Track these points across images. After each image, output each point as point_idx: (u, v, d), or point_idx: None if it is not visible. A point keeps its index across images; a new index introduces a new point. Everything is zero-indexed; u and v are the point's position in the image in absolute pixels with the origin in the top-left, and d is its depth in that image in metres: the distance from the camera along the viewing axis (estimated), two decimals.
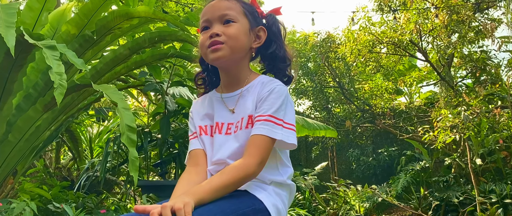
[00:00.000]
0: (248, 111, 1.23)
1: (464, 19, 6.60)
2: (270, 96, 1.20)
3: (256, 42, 1.30)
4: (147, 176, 3.67)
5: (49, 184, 3.38)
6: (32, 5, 2.21)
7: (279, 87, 1.22)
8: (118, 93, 2.03)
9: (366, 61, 7.26)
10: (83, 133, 4.29)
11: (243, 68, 1.30)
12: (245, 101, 1.25)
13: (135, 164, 1.87)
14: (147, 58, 2.56)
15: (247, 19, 1.28)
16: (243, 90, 1.27)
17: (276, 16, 1.35)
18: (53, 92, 1.58)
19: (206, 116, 1.32)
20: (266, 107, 1.19)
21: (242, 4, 1.30)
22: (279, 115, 1.18)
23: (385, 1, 7.33)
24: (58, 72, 1.62)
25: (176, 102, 2.84)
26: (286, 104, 1.21)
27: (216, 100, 1.32)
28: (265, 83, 1.25)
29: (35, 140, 2.45)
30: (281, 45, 1.32)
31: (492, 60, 7.36)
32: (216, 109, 1.30)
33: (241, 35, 1.25)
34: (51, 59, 1.63)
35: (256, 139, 1.16)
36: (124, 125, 1.89)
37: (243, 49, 1.27)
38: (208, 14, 1.27)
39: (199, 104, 1.37)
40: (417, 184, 7.66)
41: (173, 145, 2.92)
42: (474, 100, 6.30)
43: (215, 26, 1.24)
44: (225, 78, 1.32)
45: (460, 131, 6.17)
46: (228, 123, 1.26)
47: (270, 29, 1.32)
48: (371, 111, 8.21)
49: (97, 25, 2.23)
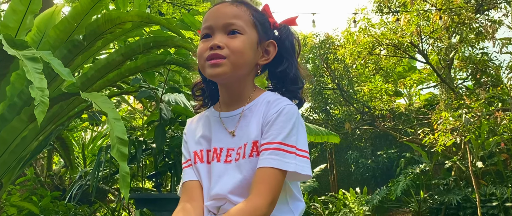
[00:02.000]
0: (252, 135, 1.05)
1: (465, 21, 6.51)
2: (279, 118, 1.03)
3: (264, 58, 1.12)
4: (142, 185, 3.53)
5: (40, 194, 3.24)
6: (15, 7, 2.05)
7: (289, 107, 1.05)
8: (109, 102, 1.88)
9: (366, 63, 7.16)
10: (76, 139, 4.14)
11: (246, 85, 1.12)
12: (247, 122, 1.08)
13: (126, 180, 1.73)
14: (141, 64, 2.41)
15: (255, 31, 1.10)
16: (245, 109, 1.10)
17: (290, 27, 1.17)
18: (34, 110, 1.43)
19: (202, 139, 1.14)
20: (275, 133, 1.01)
21: (252, 11, 1.11)
22: (291, 141, 1.01)
23: (384, 2, 7.23)
24: (40, 88, 1.46)
25: (172, 109, 2.69)
26: (298, 126, 1.03)
27: (214, 120, 1.14)
28: (272, 103, 1.07)
29: (21, 152, 2.30)
30: (294, 63, 1.13)
31: (493, 62, 7.27)
32: (213, 131, 1.12)
33: (247, 50, 1.07)
34: (32, 73, 1.48)
35: (265, 173, 0.98)
36: (114, 137, 1.74)
37: (248, 66, 1.09)
38: (211, 20, 1.09)
39: (194, 125, 1.19)
40: (416, 187, 7.58)
41: (169, 155, 2.77)
42: (475, 103, 6.20)
43: (218, 36, 1.06)
44: (224, 95, 1.14)
45: (461, 133, 6.08)
46: (228, 149, 1.08)
47: (282, 43, 1.13)
48: (371, 113, 8.10)
49: (87, 30, 2.08)
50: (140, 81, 2.64)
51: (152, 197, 2.69)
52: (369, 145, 9.48)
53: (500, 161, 6.68)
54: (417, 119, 8.19)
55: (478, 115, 5.91)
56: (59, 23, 2.11)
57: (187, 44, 2.32)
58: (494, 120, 6.11)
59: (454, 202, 6.66)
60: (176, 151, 2.69)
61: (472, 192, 6.51)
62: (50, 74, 2.15)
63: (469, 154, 6.31)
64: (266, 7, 1.17)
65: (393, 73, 7.78)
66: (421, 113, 8.21)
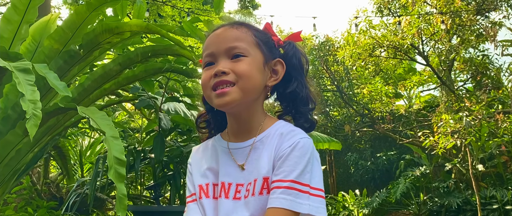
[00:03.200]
0: (263, 170, 0.96)
1: (466, 23, 6.47)
2: (293, 153, 0.94)
3: (272, 79, 1.03)
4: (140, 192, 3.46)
5: (36, 204, 3.16)
6: (10, 17, 1.97)
7: (304, 141, 0.96)
8: (107, 119, 1.81)
9: (366, 65, 7.11)
10: (73, 146, 4.06)
11: (256, 112, 1.04)
12: (259, 156, 0.99)
13: (123, 202, 1.65)
14: (139, 73, 2.33)
15: (260, 51, 1.02)
16: (256, 140, 1.01)
17: (295, 44, 1.09)
18: (26, 124, 1.35)
19: (208, 172, 1.05)
20: (288, 169, 0.93)
21: (253, 32, 1.04)
22: (304, 179, 0.92)
23: (384, 4, 7.19)
24: (32, 100, 1.38)
25: (171, 118, 2.62)
26: (313, 162, 0.95)
27: (221, 151, 1.05)
28: (285, 135, 0.98)
29: (16, 165, 2.22)
30: (304, 82, 1.05)
31: (493, 65, 7.23)
32: (221, 163, 1.03)
33: (254, 72, 0.99)
34: (24, 85, 1.41)
35: (276, 214, 0.90)
36: (112, 158, 1.66)
37: (257, 89, 1.01)
38: (212, 47, 1.01)
39: (200, 155, 1.10)
40: (416, 189, 7.54)
41: (168, 165, 2.70)
42: (476, 106, 6.16)
43: (221, 62, 0.99)
44: (233, 124, 1.06)
45: (462, 136, 6.04)
46: (237, 184, 0.99)
47: (290, 61, 1.05)
48: (371, 115, 8.05)
49: (84, 40, 2.00)
50: (139, 89, 2.56)
51: (151, 210, 2.62)
52: (369, 147, 9.43)
53: (500, 163, 6.65)
54: (417, 121, 8.15)
55: (479, 118, 5.87)
56: (54, 33, 2.03)
57: (187, 52, 2.25)
58: (495, 123, 6.08)
59: (454, 205, 6.64)
60: (176, 162, 2.62)
61: (472, 195, 6.49)
62: (46, 86, 2.08)
63: (470, 157, 6.27)
64: (268, 26, 1.09)
65: (393, 75, 7.73)
66: (421, 115, 8.17)
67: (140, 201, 3.44)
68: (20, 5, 1.96)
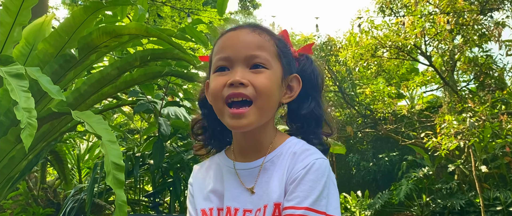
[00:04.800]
0: (274, 195, 0.85)
1: (469, 23, 6.39)
2: (307, 177, 0.83)
3: (287, 96, 0.92)
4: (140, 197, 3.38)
5: (32, 211, 3.07)
6: (1, 19, 1.87)
7: (319, 163, 0.85)
8: (103, 123, 1.72)
9: (368, 65, 7.04)
10: (70, 151, 3.96)
11: (267, 129, 0.92)
12: (269, 178, 0.88)
13: (123, 209, 1.57)
14: (138, 77, 2.24)
15: (280, 64, 0.90)
16: (266, 160, 0.90)
17: (312, 58, 0.97)
18: (21, 134, 1.26)
19: (212, 194, 0.93)
20: (302, 195, 0.82)
21: (276, 41, 0.91)
22: (320, 207, 0.82)
23: (386, 4, 7.11)
24: (26, 108, 1.29)
25: (171, 123, 2.53)
26: (329, 186, 0.85)
27: (227, 172, 0.93)
28: (299, 155, 0.87)
29: (9, 172, 2.14)
30: (320, 102, 0.94)
31: (497, 65, 7.15)
32: (227, 185, 0.92)
33: (274, 89, 0.87)
34: (17, 91, 1.31)
35: None
36: (109, 163, 1.58)
37: (274, 108, 0.90)
38: (229, 50, 0.88)
39: (203, 174, 0.98)
40: (419, 191, 7.46)
41: (168, 172, 2.61)
42: (480, 106, 6.09)
43: (239, 70, 0.86)
44: (241, 141, 0.94)
45: (465, 137, 5.97)
46: (245, 210, 0.88)
47: (308, 78, 0.94)
48: (373, 116, 7.97)
49: (80, 43, 1.91)
50: (138, 94, 2.47)
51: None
52: (371, 147, 9.35)
53: (503, 164, 6.58)
54: (419, 122, 8.07)
55: (482, 119, 5.79)
56: (49, 37, 1.93)
57: (188, 56, 2.15)
58: (499, 123, 6.02)
59: (457, 207, 6.57)
60: (176, 168, 2.53)
61: (476, 196, 6.42)
62: (40, 91, 1.99)
63: (472, 158, 6.20)
64: (285, 34, 0.97)
65: (395, 75, 7.65)
66: (423, 116, 8.09)
67: (139, 207, 3.36)
68: (12, 6, 1.87)
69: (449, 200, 6.74)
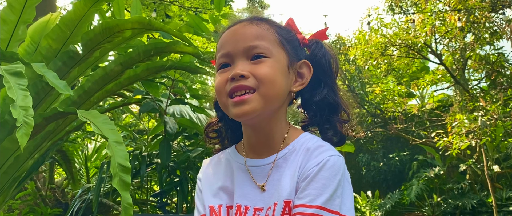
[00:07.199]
0: (284, 193, 0.81)
1: (481, 20, 6.29)
2: (321, 174, 0.79)
3: (298, 84, 0.89)
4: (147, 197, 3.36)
5: (40, 212, 3.07)
6: (6, 17, 1.86)
7: (334, 160, 0.81)
8: (109, 123, 1.69)
9: (378, 64, 6.97)
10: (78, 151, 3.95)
11: (278, 122, 0.88)
12: (281, 175, 0.84)
13: (128, 212, 1.54)
14: (141, 72, 2.21)
15: (284, 51, 0.87)
16: (278, 157, 0.86)
17: (323, 43, 0.93)
18: (16, 133, 1.24)
19: (221, 191, 0.90)
20: (314, 193, 0.78)
21: (276, 29, 0.89)
22: (334, 206, 0.77)
23: (396, 2, 7.03)
24: (23, 106, 1.26)
25: (177, 122, 2.50)
26: (343, 185, 0.80)
27: (237, 168, 0.90)
28: (312, 151, 0.83)
29: (15, 172, 2.12)
30: (334, 88, 0.90)
31: (509, 62, 7.04)
32: (237, 182, 0.88)
33: (278, 76, 0.84)
34: (15, 89, 1.29)
35: None
36: (116, 165, 1.54)
37: (280, 96, 0.86)
38: (228, 46, 0.86)
39: (212, 170, 0.95)
40: (430, 191, 7.37)
41: (175, 171, 2.58)
42: (492, 105, 5.98)
43: (239, 64, 0.84)
44: (251, 137, 0.90)
45: (477, 136, 5.86)
46: (255, 208, 0.84)
47: (318, 63, 0.90)
48: (383, 116, 7.88)
49: (83, 39, 1.89)
50: (143, 93, 2.44)
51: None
52: (381, 147, 9.26)
53: None
54: (430, 121, 7.97)
55: (494, 118, 5.69)
56: (51, 32, 1.91)
57: (192, 49, 2.12)
58: (511, 122, 5.91)
59: (469, 207, 6.48)
60: (182, 167, 2.50)
61: (488, 196, 6.32)
62: (44, 89, 1.98)
63: (484, 157, 6.11)
64: (291, 21, 0.94)
65: (405, 74, 7.57)
66: (434, 115, 7.99)
67: (146, 207, 3.34)
68: (16, 4, 1.85)
69: (461, 200, 6.65)
